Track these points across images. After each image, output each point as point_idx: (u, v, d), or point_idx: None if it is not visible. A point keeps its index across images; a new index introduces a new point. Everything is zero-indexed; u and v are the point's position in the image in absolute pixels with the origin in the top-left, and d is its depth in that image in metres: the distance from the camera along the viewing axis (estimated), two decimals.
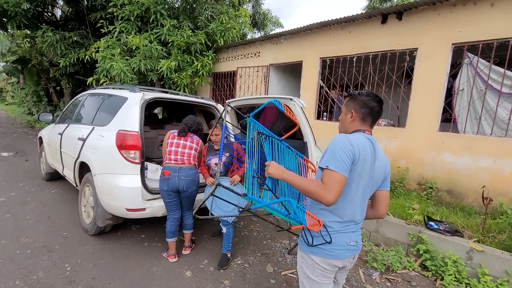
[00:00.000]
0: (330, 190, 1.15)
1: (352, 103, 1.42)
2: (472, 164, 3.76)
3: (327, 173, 1.19)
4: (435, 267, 2.69)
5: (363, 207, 1.39)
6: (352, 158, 1.22)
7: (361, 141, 1.28)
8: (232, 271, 2.63)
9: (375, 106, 1.37)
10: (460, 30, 3.82)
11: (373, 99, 1.38)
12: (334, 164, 1.18)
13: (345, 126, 1.46)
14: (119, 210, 2.65)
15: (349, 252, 1.37)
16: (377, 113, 1.39)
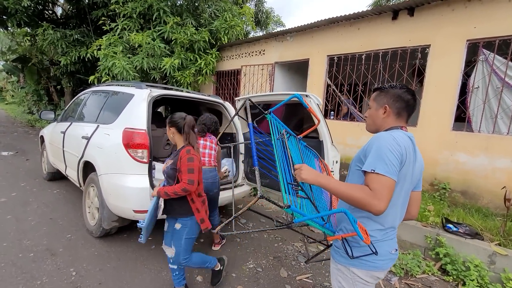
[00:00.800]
0: (380, 197, 1.00)
1: (385, 97, 1.28)
2: (487, 165, 3.65)
3: (375, 178, 1.05)
4: (456, 272, 2.58)
5: (403, 211, 1.27)
6: (400, 159, 1.09)
7: (405, 140, 1.14)
8: (245, 275, 2.52)
9: (410, 99, 1.25)
10: (476, 26, 3.70)
11: (408, 91, 1.25)
12: (383, 168, 1.04)
13: (377, 123, 1.30)
14: (126, 211, 2.53)
15: (392, 261, 1.24)
16: (412, 107, 1.27)
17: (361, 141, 4.87)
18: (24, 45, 11.85)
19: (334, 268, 1.31)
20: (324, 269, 2.73)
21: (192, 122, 2.02)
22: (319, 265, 2.79)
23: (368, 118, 1.36)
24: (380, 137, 1.13)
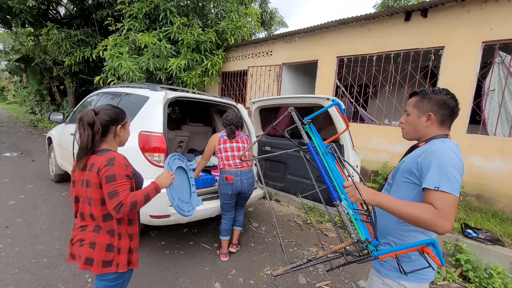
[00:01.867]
0: (447, 217, 0.96)
1: (428, 103, 1.20)
2: (503, 168, 3.60)
3: (440, 196, 0.99)
4: (478, 279, 2.53)
5: None
6: (461, 173, 1.04)
7: (459, 153, 1.08)
8: (263, 282, 2.47)
9: (455, 106, 1.18)
10: (492, 28, 3.65)
11: (453, 97, 1.19)
12: (448, 185, 0.99)
13: (419, 131, 1.23)
14: (143, 216, 2.47)
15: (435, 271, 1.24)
16: (456, 115, 1.21)
17: (371, 143, 4.82)
18: (27, 45, 11.80)
19: (379, 282, 1.25)
20: (343, 275, 2.68)
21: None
22: (338, 271, 2.73)
23: (407, 126, 1.28)
24: (439, 151, 1.06)
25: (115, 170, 1.28)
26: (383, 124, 4.91)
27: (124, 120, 1.47)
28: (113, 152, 1.36)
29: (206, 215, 2.83)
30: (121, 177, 1.30)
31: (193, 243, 3.06)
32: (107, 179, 1.27)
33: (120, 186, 1.28)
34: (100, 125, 1.34)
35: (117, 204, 1.25)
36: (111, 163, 1.29)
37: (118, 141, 1.47)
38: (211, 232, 3.37)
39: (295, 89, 6.81)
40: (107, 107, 1.43)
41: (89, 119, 1.32)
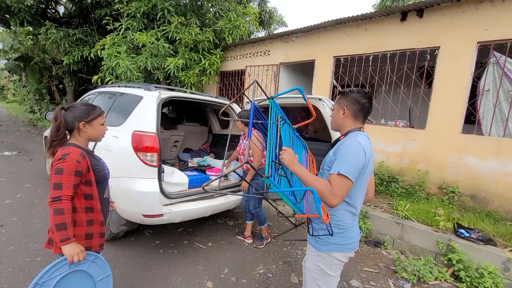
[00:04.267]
0: (336, 195, 1.22)
1: (344, 100, 1.47)
2: (498, 168, 3.61)
3: (336, 177, 1.24)
4: (469, 279, 2.54)
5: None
6: (362, 165, 1.30)
7: (368, 143, 1.37)
8: (255, 281, 2.48)
9: (365, 102, 1.43)
10: (487, 28, 3.65)
11: (364, 96, 1.43)
12: (344, 170, 1.24)
13: (337, 122, 1.51)
14: (136, 216, 2.50)
15: (358, 241, 1.51)
16: (367, 110, 1.45)
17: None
18: (26, 44, 11.81)
19: (314, 255, 1.50)
20: None
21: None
22: None
23: (332, 118, 1.55)
24: (347, 145, 1.32)
25: (64, 165, 1.35)
26: (379, 124, 4.92)
27: (90, 117, 1.51)
28: (71, 148, 1.42)
29: (200, 215, 2.85)
30: (69, 172, 1.36)
31: (187, 242, 3.08)
32: (55, 171, 1.35)
33: (65, 180, 1.35)
34: (63, 120, 1.45)
35: (56, 196, 1.32)
36: (63, 158, 1.37)
37: (84, 137, 1.52)
38: (205, 231, 3.39)
39: None
40: (76, 104, 1.53)
41: (55, 114, 1.45)
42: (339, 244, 1.42)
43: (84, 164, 1.43)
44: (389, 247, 3.28)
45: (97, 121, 1.54)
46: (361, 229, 3.44)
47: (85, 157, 1.45)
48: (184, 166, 3.64)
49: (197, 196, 2.80)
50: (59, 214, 1.31)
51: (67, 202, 1.34)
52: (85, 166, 1.44)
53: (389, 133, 4.59)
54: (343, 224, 1.42)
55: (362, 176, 1.34)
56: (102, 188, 1.60)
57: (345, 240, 1.43)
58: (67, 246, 1.32)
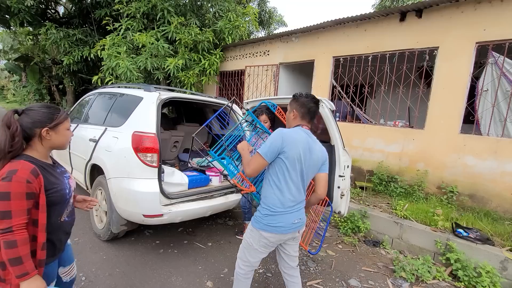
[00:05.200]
0: (249, 166, 1.63)
1: (295, 103, 1.74)
2: (496, 168, 3.63)
3: (255, 155, 1.63)
4: (467, 278, 2.56)
5: (300, 189, 1.70)
6: (277, 147, 1.58)
7: (296, 133, 1.65)
8: (254, 281, 2.50)
9: (312, 106, 1.71)
10: (485, 28, 3.67)
11: (311, 100, 1.71)
12: (261, 150, 1.60)
13: (289, 122, 1.81)
14: (136, 216, 2.52)
15: (295, 229, 1.72)
16: (313, 112, 1.73)
17: (367, 143, 4.85)
18: (26, 44, 11.83)
19: (249, 228, 1.79)
20: (334, 274, 2.71)
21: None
22: (329, 270, 2.77)
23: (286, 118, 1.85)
24: (273, 132, 1.65)
25: (11, 187, 1.09)
26: (378, 124, 4.94)
27: (55, 122, 1.26)
28: (22, 162, 1.16)
29: (200, 215, 2.87)
30: (18, 196, 1.10)
31: (187, 242, 3.10)
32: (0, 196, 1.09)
33: (14, 206, 1.10)
34: (19, 126, 1.18)
35: (7, 227, 1.08)
36: (9, 178, 1.10)
37: (47, 146, 1.27)
38: (205, 231, 3.41)
39: (292, 89, 6.83)
40: (34, 107, 1.26)
41: (7, 120, 1.17)
42: (269, 225, 1.66)
43: (37, 184, 1.16)
44: (388, 247, 3.30)
45: (63, 125, 1.30)
46: (360, 228, 3.46)
47: (38, 175, 1.17)
48: (184, 166, 3.65)
49: (197, 196, 2.81)
50: (12, 247, 1.08)
51: (21, 231, 1.10)
52: (37, 186, 1.17)
53: (388, 133, 4.61)
54: (273, 207, 1.66)
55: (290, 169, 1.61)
56: (60, 210, 1.31)
57: (275, 224, 1.65)
58: (25, 283, 1.11)
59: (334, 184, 2.61)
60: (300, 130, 1.66)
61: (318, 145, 1.72)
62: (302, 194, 1.72)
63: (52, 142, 1.28)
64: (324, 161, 1.76)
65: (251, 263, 1.81)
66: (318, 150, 1.70)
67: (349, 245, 3.35)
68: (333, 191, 2.62)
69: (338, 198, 2.61)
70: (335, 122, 2.44)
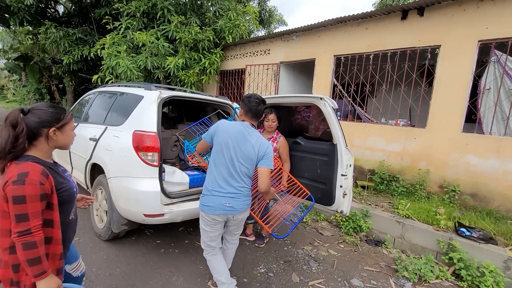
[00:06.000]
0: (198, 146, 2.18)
1: (242, 103, 2.04)
2: (499, 167, 3.61)
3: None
4: (470, 278, 2.54)
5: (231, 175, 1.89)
6: (212, 133, 1.97)
7: (231, 125, 1.95)
8: (256, 281, 2.48)
9: (252, 106, 1.98)
10: (488, 27, 3.65)
11: (253, 101, 1.98)
12: (203, 134, 2.07)
13: (239, 117, 2.09)
14: (137, 215, 2.49)
15: (225, 212, 1.90)
16: (254, 111, 1.99)
17: (368, 142, 4.83)
18: (26, 44, 11.79)
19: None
20: (336, 274, 2.69)
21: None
22: (331, 270, 2.75)
23: None
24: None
25: (25, 191, 1.09)
26: (380, 123, 4.92)
27: (62, 122, 1.27)
28: (30, 164, 1.15)
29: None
30: (33, 199, 1.11)
31: (188, 241, 3.08)
32: (14, 200, 1.09)
33: (31, 209, 1.10)
34: (25, 126, 1.15)
35: (25, 229, 1.09)
36: (21, 181, 1.09)
37: (53, 145, 1.28)
38: None
39: (292, 88, 6.81)
40: (40, 106, 1.24)
41: (12, 119, 1.14)
42: (203, 204, 1.93)
43: (48, 185, 1.16)
44: (390, 246, 3.28)
45: (69, 126, 1.31)
46: (362, 228, 3.45)
47: (48, 175, 1.18)
48: (185, 165, 3.63)
49: (198, 196, 2.78)
50: (32, 248, 1.10)
51: (39, 233, 1.12)
52: (49, 187, 1.17)
53: (390, 132, 4.59)
54: (207, 187, 1.92)
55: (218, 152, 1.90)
56: (68, 209, 1.33)
57: (207, 203, 1.90)
58: (42, 281, 1.13)
59: (336, 183, 2.59)
60: (238, 123, 1.95)
61: (256, 139, 1.90)
62: (239, 181, 1.90)
63: (58, 142, 1.28)
64: (264, 156, 1.88)
65: (206, 242, 2.05)
66: (253, 143, 1.88)
67: (351, 244, 3.33)
68: (336, 190, 2.60)
69: (341, 197, 2.59)
70: (337, 121, 2.41)
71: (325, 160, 2.76)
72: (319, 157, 2.83)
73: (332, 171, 2.64)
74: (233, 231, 2.17)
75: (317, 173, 2.83)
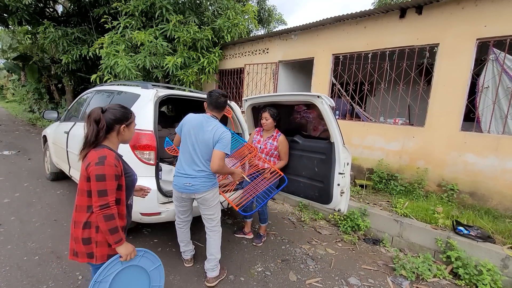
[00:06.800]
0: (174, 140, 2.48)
1: (206, 97, 2.30)
2: (497, 166, 3.60)
3: None
4: (468, 276, 2.54)
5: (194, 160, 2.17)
6: (181, 126, 2.28)
7: (194, 117, 2.24)
8: (253, 279, 2.48)
9: (212, 99, 2.23)
10: (486, 25, 3.64)
11: (213, 94, 2.24)
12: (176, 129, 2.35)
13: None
14: (133, 214, 2.45)
15: (187, 190, 2.20)
16: (214, 103, 2.24)
17: (366, 141, 4.82)
18: (25, 43, 11.78)
19: None
20: (334, 272, 2.69)
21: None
22: (329, 269, 2.75)
23: None
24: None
25: (105, 170, 1.35)
26: (378, 122, 4.91)
27: (129, 120, 1.55)
28: (106, 150, 1.41)
29: (198, 213, 2.81)
30: (111, 177, 1.37)
31: None
32: (97, 178, 1.34)
33: (109, 186, 1.36)
34: (104, 123, 1.43)
35: (105, 203, 1.34)
36: (102, 162, 1.35)
37: (120, 139, 1.55)
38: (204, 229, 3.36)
39: (291, 87, 6.80)
40: (114, 107, 1.51)
41: (96, 116, 1.43)
42: (173, 183, 2.27)
43: (120, 168, 1.43)
44: (388, 245, 3.27)
45: (133, 124, 1.60)
46: (360, 226, 3.44)
47: (119, 161, 1.45)
48: None
49: None
50: (111, 219, 1.36)
51: (114, 206, 1.38)
52: (120, 170, 1.44)
53: (388, 131, 4.58)
54: (176, 169, 2.26)
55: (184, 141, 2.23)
56: (129, 194, 1.59)
57: (174, 182, 2.25)
58: (121, 247, 1.42)
59: (334, 181, 2.59)
60: (200, 115, 2.22)
61: (212, 127, 2.13)
62: (199, 165, 2.16)
63: (124, 137, 1.56)
64: (218, 141, 2.10)
65: (176, 214, 2.41)
66: (210, 131, 2.12)
67: (348, 243, 3.33)
68: (333, 188, 2.59)
69: (338, 196, 2.58)
70: (334, 119, 2.41)
71: (323, 158, 2.75)
72: (316, 155, 2.82)
73: (329, 170, 2.64)
74: (206, 216, 2.33)
75: (315, 171, 2.83)
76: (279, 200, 4.58)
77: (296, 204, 4.34)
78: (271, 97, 3.01)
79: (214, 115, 2.25)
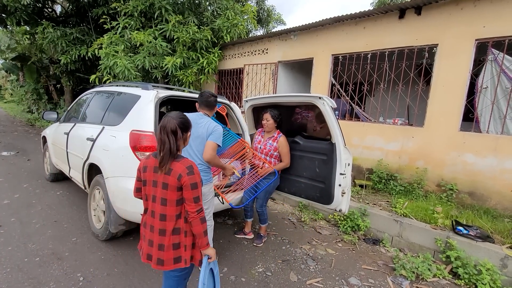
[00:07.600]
0: None
1: (199, 96, 2.44)
2: (496, 166, 3.62)
3: None
4: (468, 276, 2.55)
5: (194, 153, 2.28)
6: None
7: (191, 116, 2.17)
8: (254, 280, 2.48)
9: (202, 99, 2.39)
10: (485, 25, 3.65)
11: (204, 95, 2.40)
12: None
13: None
14: (134, 215, 2.49)
15: None
16: (205, 101, 2.40)
17: (366, 141, 4.84)
18: (23, 44, 11.74)
19: None
20: (334, 273, 2.70)
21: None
22: (329, 269, 2.76)
23: None
24: None
25: (196, 178, 1.45)
26: (377, 122, 4.92)
27: (190, 128, 1.61)
28: (187, 160, 1.48)
29: None
30: (201, 184, 1.49)
31: None
32: (192, 186, 1.43)
33: (200, 192, 1.48)
34: (180, 134, 1.47)
35: (200, 208, 1.46)
36: (192, 172, 1.44)
37: (184, 146, 1.60)
38: None
39: (291, 87, 6.81)
40: (180, 115, 1.52)
41: (173, 127, 1.44)
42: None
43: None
44: (388, 245, 3.29)
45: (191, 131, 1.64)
46: (360, 227, 3.46)
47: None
48: None
49: None
50: (204, 221, 1.47)
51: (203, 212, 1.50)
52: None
53: (388, 131, 4.60)
54: None
55: None
56: None
57: None
58: (209, 249, 1.54)
59: (335, 182, 2.60)
60: (194, 114, 2.34)
61: (205, 123, 2.27)
62: (194, 159, 2.24)
63: (185, 143, 1.59)
64: (211, 133, 2.23)
65: None
66: (203, 126, 2.26)
67: (349, 243, 3.34)
68: (334, 189, 2.60)
69: (339, 196, 2.59)
70: (336, 120, 2.42)
71: (324, 159, 2.76)
72: (317, 156, 2.84)
73: (330, 170, 2.65)
74: None
75: (316, 172, 2.84)
76: (279, 200, 4.59)
77: (296, 205, 4.35)
78: (271, 98, 3.02)
79: (206, 113, 2.40)
